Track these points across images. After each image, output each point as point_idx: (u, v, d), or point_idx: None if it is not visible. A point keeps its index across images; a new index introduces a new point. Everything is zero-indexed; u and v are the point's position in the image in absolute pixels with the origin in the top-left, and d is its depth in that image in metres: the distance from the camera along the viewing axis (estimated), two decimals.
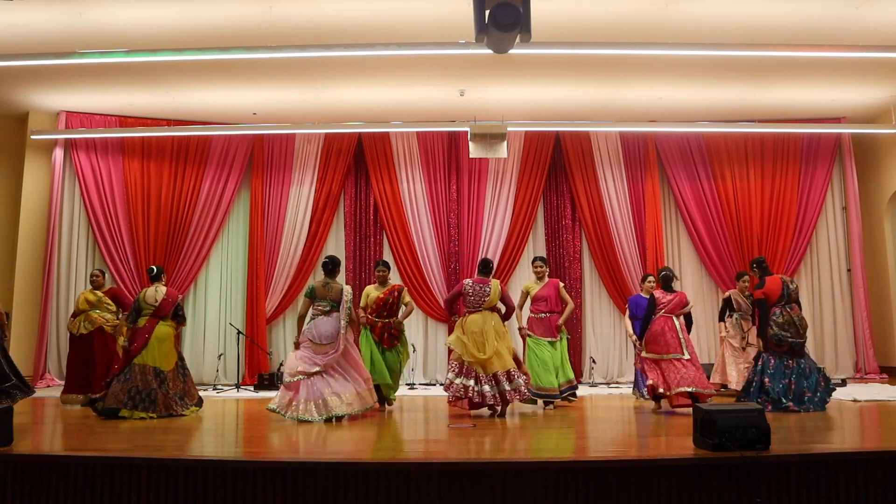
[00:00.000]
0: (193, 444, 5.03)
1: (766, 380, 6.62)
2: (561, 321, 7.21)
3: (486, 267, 6.90)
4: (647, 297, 7.21)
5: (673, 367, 6.62)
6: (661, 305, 6.91)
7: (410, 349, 7.59)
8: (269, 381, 9.44)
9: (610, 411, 6.93)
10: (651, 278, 7.82)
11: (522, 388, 6.39)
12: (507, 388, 6.31)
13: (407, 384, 9.92)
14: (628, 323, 7.66)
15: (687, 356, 6.67)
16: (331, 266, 6.61)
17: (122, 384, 6.34)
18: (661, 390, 6.63)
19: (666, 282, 7.07)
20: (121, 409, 6.23)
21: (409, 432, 5.53)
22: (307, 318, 6.44)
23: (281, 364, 10.24)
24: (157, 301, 6.82)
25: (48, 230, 10.07)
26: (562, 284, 7.41)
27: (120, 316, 7.75)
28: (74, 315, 7.83)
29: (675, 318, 6.85)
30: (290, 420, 6.00)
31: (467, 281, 6.83)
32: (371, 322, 6.98)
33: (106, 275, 8.71)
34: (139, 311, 6.82)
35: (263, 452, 4.67)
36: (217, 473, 3.90)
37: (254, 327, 10.40)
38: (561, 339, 7.25)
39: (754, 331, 7.74)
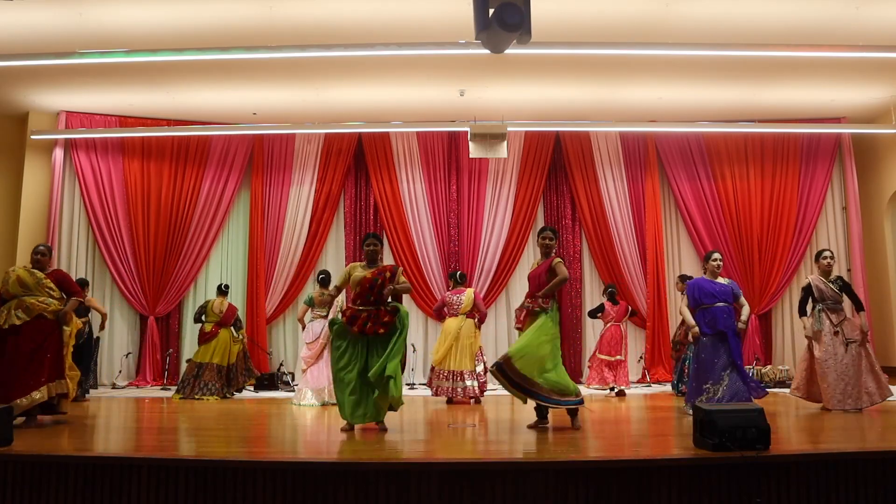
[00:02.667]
0: (193, 444, 5.03)
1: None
2: (543, 292, 5.38)
3: (459, 278, 8.17)
4: (711, 279, 6.25)
5: (614, 366, 8.67)
6: (612, 316, 8.82)
7: (410, 349, 7.53)
8: (268, 381, 9.43)
9: (610, 411, 6.93)
10: (716, 255, 6.39)
11: (473, 390, 7.59)
12: (460, 386, 7.60)
13: (407, 384, 9.92)
14: (687, 312, 6.39)
15: (622, 357, 8.75)
16: (323, 276, 8.20)
17: (200, 380, 8.28)
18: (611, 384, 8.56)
19: (611, 297, 9.02)
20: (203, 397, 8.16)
21: (409, 432, 5.53)
22: (307, 320, 7.93)
23: (281, 364, 10.27)
24: (221, 312, 8.54)
25: (48, 230, 10.07)
26: (557, 260, 5.48)
27: (67, 302, 5.96)
28: None
29: (621, 326, 8.80)
30: (303, 407, 7.39)
31: (448, 293, 8.12)
32: (353, 312, 5.35)
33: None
34: (205, 315, 8.58)
35: (263, 452, 4.67)
36: (217, 473, 3.90)
37: (254, 327, 10.41)
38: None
39: (849, 325, 6.55)
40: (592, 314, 9.24)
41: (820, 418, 6.01)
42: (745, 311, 6.24)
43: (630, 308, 9.33)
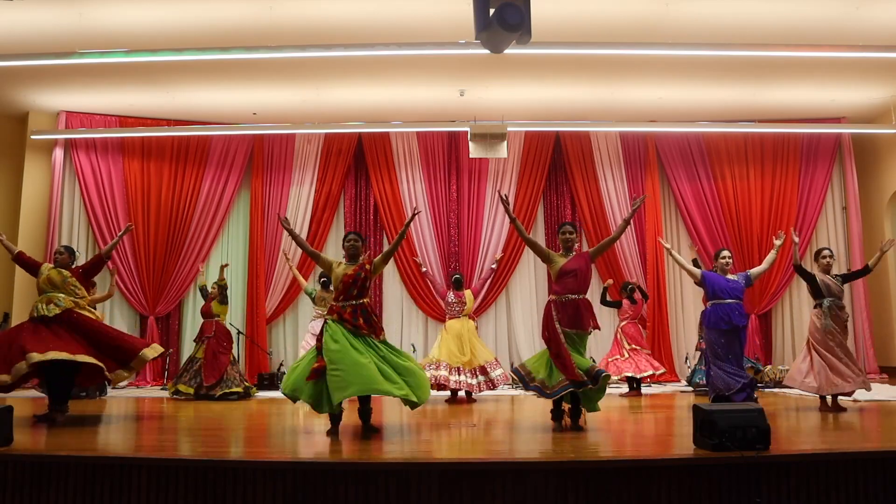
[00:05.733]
0: (193, 444, 5.03)
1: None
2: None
3: (458, 283, 8.37)
4: (722, 275, 6.59)
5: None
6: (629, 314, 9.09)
7: (410, 349, 7.62)
8: (268, 381, 9.43)
9: (610, 411, 6.93)
10: (724, 252, 6.77)
11: (467, 384, 7.75)
12: (492, 376, 7.85)
13: None
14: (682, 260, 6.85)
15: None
16: (325, 279, 8.57)
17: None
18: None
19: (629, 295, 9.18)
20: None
21: (409, 432, 5.53)
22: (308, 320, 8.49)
23: (281, 364, 10.27)
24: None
25: (48, 230, 10.07)
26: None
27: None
28: None
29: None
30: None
31: (449, 294, 8.31)
32: (338, 309, 5.39)
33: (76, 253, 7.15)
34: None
35: (263, 452, 4.67)
36: (217, 473, 3.90)
37: (254, 327, 10.40)
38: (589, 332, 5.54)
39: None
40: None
41: (820, 418, 6.01)
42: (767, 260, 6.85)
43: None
